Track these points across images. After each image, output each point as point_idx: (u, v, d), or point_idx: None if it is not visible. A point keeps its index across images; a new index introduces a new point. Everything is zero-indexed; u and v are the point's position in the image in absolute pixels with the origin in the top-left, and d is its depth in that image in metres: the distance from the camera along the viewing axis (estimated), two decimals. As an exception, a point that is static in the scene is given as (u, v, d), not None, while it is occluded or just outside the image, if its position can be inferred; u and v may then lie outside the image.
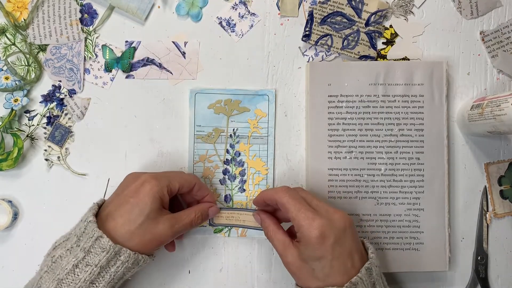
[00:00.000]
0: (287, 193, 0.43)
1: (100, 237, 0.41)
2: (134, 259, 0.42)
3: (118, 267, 0.42)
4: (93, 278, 0.41)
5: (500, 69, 0.53)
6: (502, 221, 0.53)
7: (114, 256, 0.41)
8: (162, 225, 0.43)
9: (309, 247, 0.41)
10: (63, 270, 0.41)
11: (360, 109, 0.51)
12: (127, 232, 0.42)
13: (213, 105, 0.52)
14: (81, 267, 0.41)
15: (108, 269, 0.41)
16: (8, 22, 0.50)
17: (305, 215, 0.41)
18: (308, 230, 0.40)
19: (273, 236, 0.44)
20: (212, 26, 0.52)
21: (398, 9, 0.53)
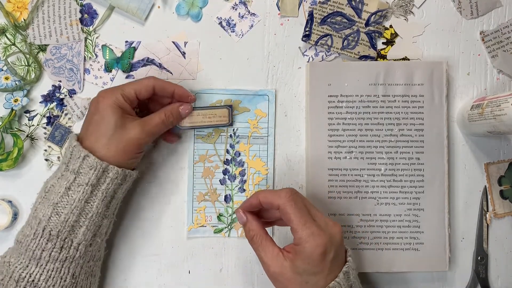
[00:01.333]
0: (292, 201, 0.41)
1: (87, 156, 0.42)
2: (122, 175, 0.44)
3: (108, 184, 0.43)
4: (87, 197, 0.42)
5: (500, 69, 0.53)
6: (502, 221, 0.53)
7: (102, 173, 0.43)
8: (133, 130, 0.44)
9: (308, 262, 0.39)
10: (56, 195, 0.42)
11: (360, 109, 0.51)
12: (103, 147, 0.43)
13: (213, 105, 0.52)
14: (74, 188, 0.42)
15: (99, 187, 0.43)
16: (8, 22, 0.50)
17: (310, 230, 0.40)
18: (312, 247, 0.39)
19: (260, 244, 0.42)
20: (212, 26, 0.52)
21: (398, 9, 0.53)
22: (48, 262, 0.41)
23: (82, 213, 0.42)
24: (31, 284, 0.41)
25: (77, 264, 0.43)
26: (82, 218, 0.42)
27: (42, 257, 0.41)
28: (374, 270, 0.51)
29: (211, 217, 0.52)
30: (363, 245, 0.51)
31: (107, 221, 0.45)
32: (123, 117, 0.44)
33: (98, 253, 0.46)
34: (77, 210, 0.42)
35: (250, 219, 0.44)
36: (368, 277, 0.53)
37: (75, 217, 0.42)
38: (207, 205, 0.52)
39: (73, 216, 0.42)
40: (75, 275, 0.43)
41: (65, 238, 0.42)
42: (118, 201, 0.46)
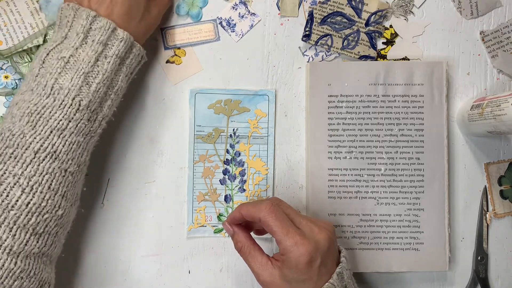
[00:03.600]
0: (272, 213, 0.41)
1: (115, 29, 0.42)
2: (142, 54, 0.45)
3: (131, 60, 0.44)
4: (116, 69, 0.42)
5: (500, 69, 0.53)
6: (502, 221, 0.53)
7: (130, 47, 0.43)
8: (154, 9, 0.46)
9: (295, 270, 0.40)
10: (86, 64, 0.41)
11: (360, 109, 0.51)
12: (134, 26, 0.44)
13: (213, 105, 0.52)
14: (102, 59, 0.42)
15: (125, 61, 0.43)
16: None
17: (293, 240, 0.39)
18: (296, 256, 0.39)
19: (248, 254, 0.43)
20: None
21: (398, 9, 0.53)
22: (72, 134, 0.40)
23: (110, 85, 0.42)
24: (52, 156, 0.39)
25: (94, 140, 0.43)
26: (109, 90, 0.42)
27: (67, 127, 0.39)
28: (374, 270, 0.51)
29: (211, 217, 0.52)
30: (363, 245, 0.51)
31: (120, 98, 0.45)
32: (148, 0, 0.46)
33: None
34: (107, 81, 0.42)
35: (237, 231, 0.44)
36: (368, 277, 0.53)
37: (105, 88, 0.41)
38: (207, 205, 0.52)
39: (104, 87, 0.41)
40: (89, 153, 0.43)
41: (94, 109, 0.41)
42: (128, 81, 0.46)
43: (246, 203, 0.44)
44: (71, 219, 0.43)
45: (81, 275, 0.50)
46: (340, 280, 0.41)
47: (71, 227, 0.44)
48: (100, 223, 0.51)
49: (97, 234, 0.51)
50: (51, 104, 0.39)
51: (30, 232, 0.38)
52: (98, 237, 0.51)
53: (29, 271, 0.38)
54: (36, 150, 0.38)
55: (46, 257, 0.40)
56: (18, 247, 0.37)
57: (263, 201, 0.42)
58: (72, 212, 0.42)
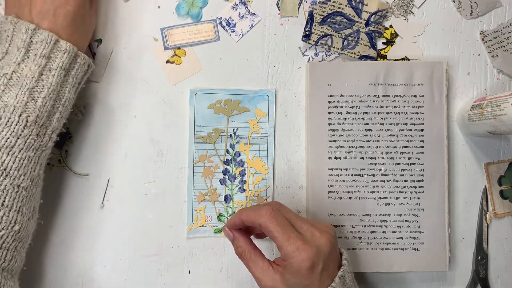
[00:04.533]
0: (273, 218, 0.40)
1: (58, 41, 0.41)
2: (88, 63, 0.44)
3: (77, 70, 0.43)
4: (61, 81, 0.42)
5: (500, 69, 0.53)
6: (502, 221, 0.53)
7: (74, 58, 0.43)
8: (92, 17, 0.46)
9: (297, 276, 0.39)
10: (30, 80, 0.40)
11: (360, 109, 0.51)
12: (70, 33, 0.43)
13: (213, 105, 0.52)
14: (46, 73, 0.41)
15: (70, 72, 0.43)
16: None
17: (294, 245, 0.39)
18: (298, 261, 0.39)
19: (248, 258, 0.42)
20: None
21: (398, 9, 0.53)
22: (22, 150, 0.39)
23: (57, 98, 0.42)
24: (2, 173, 0.38)
25: (46, 153, 0.42)
26: (57, 103, 0.42)
27: (16, 144, 0.39)
28: (374, 270, 0.51)
29: (211, 217, 0.52)
30: (363, 245, 0.51)
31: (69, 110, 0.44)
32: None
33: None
34: (54, 94, 0.41)
35: (237, 236, 0.44)
36: (368, 277, 0.53)
37: (52, 102, 0.41)
38: (207, 205, 0.52)
39: (50, 100, 0.41)
40: (42, 166, 0.42)
41: (42, 124, 0.40)
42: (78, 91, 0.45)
43: (246, 209, 0.43)
44: (31, 232, 0.42)
45: (81, 275, 0.50)
46: (342, 284, 0.41)
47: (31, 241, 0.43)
48: (100, 223, 0.51)
49: (97, 234, 0.51)
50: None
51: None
52: (98, 237, 0.51)
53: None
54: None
55: (6, 271, 0.40)
56: None
57: (263, 206, 0.41)
58: (30, 225, 0.42)
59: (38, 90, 0.40)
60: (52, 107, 0.41)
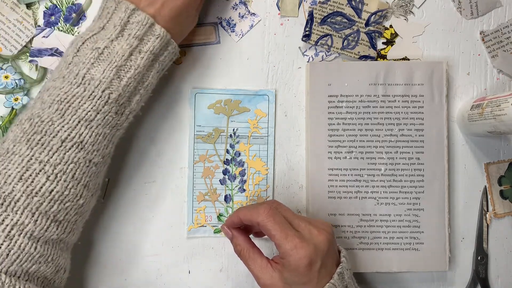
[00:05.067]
0: (271, 217, 0.41)
1: (153, 25, 0.41)
2: (176, 52, 0.44)
3: (165, 57, 0.43)
4: (148, 65, 0.42)
5: (500, 69, 0.53)
6: (502, 221, 0.53)
7: (165, 44, 0.42)
8: (195, 17, 0.46)
9: (295, 274, 0.40)
10: (119, 58, 0.40)
11: (360, 109, 0.51)
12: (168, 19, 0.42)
13: (213, 105, 0.52)
14: (135, 54, 0.41)
15: (158, 58, 0.43)
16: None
17: (292, 243, 0.39)
18: (296, 259, 0.39)
19: (247, 257, 0.43)
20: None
21: (398, 9, 0.53)
22: (99, 125, 0.40)
23: (141, 80, 0.42)
24: (78, 146, 0.39)
25: (120, 132, 0.43)
26: (139, 85, 0.42)
27: (95, 119, 0.40)
28: (374, 270, 0.51)
29: (211, 217, 0.52)
30: (363, 245, 0.51)
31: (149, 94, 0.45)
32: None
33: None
34: (139, 76, 0.41)
35: (236, 234, 0.44)
36: (368, 277, 0.53)
37: (135, 84, 0.41)
38: (207, 205, 0.52)
39: (134, 82, 0.41)
40: (114, 145, 0.43)
41: (122, 103, 0.41)
42: (159, 76, 0.45)
43: (244, 207, 0.44)
44: (91, 208, 0.43)
45: (81, 275, 0.50)
46: (341, 280, 0.41)
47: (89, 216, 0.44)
48: (100, 223, 0.51)
49: (97, 234, 0.51)
50: (81, 94, 0.39)
51: (51, 219, 0.38)
52: (98, 237, 0.51)
53: (47, 256, 0.38)
54: (63, 138, 0.39)
55: (63, 243, 0.41)
56: (38, 233, 0.37)
57: (261, 205, 0.42)
58: (92, 201, 0.43)
59: (125, 70, 0.41)
60: (135, 89, 0.42)
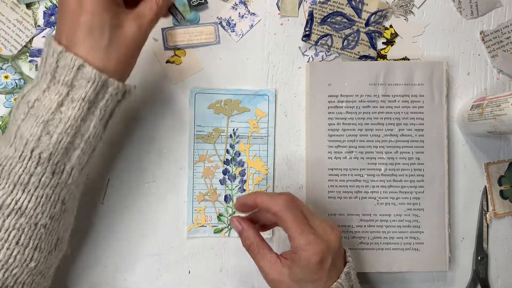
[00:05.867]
0: (289, 209, 0.40)
1: (82, 66, 0.35)
2: (122, 91, 0.38)
3: (107, 101, 0.37)
4: (83, 115, 0.36)
5: (500, 69, 0.53)
6: (502, 221, 0.53)
7: (101, 87, 0.36)
8: (130, 29, 0.37)
9: (306, 270, 0.39)
10: (46, 111, 0.36)
11: (360, 109, 0.51)
12: (101, 55, 0.36)
13: (213, 105, 0.52)
14: (67, 104, 0.36)
15: (97, 104, 0.37)
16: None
17: (307, 239, 0.39)
18: (309, 255, 0.39)
19: (257, 252, 0.42)
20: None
21: (398, 9, 0.53)
22: (37, 188, 0.36)
23: (78, 133, 0.37)
24: (17, 212, 0.36)
25: (68, 189, 0.38)
26: (77, 139, 0.37)
27: (30, 182, 0.36)
28: (374, 270, 0.51)
29: (211, 217, 0.52)
30: (363, 245, 0.51)
31: (102, 144, 0.40)
32: (117, 13, 0.37)
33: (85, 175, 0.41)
34: (72, 129, 0.36)
35: (246, 227, 0.43)
36: (368, 277, 0.53)
37: (70, 138, 0.36)
38: (207, 205, 0.52)
39: (67, 136, 0.36)
40: (65, 201, 0.38)
41: (57, 162, 0.36)
42: (115, 121, 0.41)
43: (262, 193, 0.43)
44: (54, 262, 0.40)
45: (81, 275, 0.50)
46: (347, 280, 0.41)
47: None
48: (100, 223, 0.51)
49: (97, 234, 0.51)
50: (12, 155, 0.36)
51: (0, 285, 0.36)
52: (98, 237, 0.51)
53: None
54: (0, 206, 0.35)
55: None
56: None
57: (280, 195, 0.41)
58: (52, 256, 0.39)
59: (54, 124, 0.36)
60: (71, 143, 0.37)
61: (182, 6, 0.51)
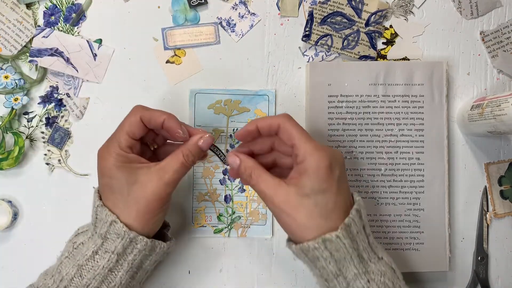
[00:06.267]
0: (292, 120, 0.40)
1: (114, 222, 0.39)
2: (151, 247, 0.41)
3: (135, 255, 0.40)
4: (111, 266, 0.40)
5: (500, 69, 0.53)
6: (502, 221, 0.53)
7: (130, 243, 0.40)
8: (150, 183, 0.40)
9: (316, 178, 0.37)
10: (83, 256, 0.40)
11: (360, 109, 0.51)
12: (123, 212, 0.40)
13: (213, 105, 0.52)
14: (100, 253, 0.40)
15: (126, 257, 0.40)
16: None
17: (314, 145, 0.38)
18: (317, 159, 0.37)
19: (259, 177, 0.39)
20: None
21: (398, 9, 0.53)
22: None
23: (105, 281, 0.40)
24: None
25: None
26: (103, 286, 0.40)
27: None
28: (374, 270, 0.51)
29: (211, 217, 0.52)
30: (363, 245, 0.51)
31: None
32: (133, 170, 0.40)
33: None
34: (100, 277, 0.40)
35: (243, 158, 0.41)
36: (368, 277, 0.53)
37: (97, 284, 0.40)
38: (207, 205, 0.52)
39: (95, 282, 0.39)
40: None
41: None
42: (145, 272, 0.43)
43: (260, 117, 0.42)
44: None
45: (81, 275, 0.50)
46: (359, 217, 0.39)
47: None
48: (100, 223, 0.51)
49: (97, 234, 0.51)
50: (49, 286, 0.40)
51: None
52: (98, 237, 0.51)
53: None
54: None
55: None
56: None
57: (280, 114, 0.41)
58: None
59: (87, 269, 0.40)
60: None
61: (182, 6, 0.51)
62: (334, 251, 0.37)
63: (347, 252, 0.37)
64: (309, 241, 0.37)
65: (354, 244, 0.38)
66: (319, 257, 0.38)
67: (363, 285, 0.38)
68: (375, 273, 0.38)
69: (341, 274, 0.38)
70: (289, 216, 0.38)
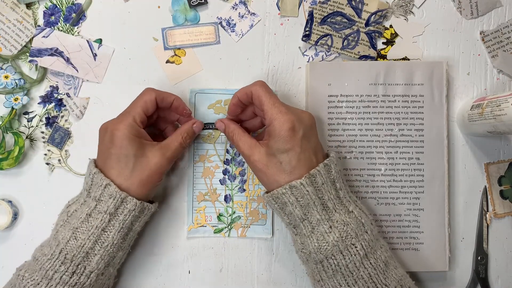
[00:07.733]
0: (263, 87, 0.45)
1: (108, 185, 0.43)
2: (140, 208, 0.44)
3: (126, 215, 0.43)
4: (104, 226, 0.43)
5: (500, 69, 0.53)
6: (502, 221, 0.53)
7: (121, 203, 0.43)
8: (154, 158, 0.45)
9: (279, 139, 0.42)
10: (78, 220, 0.43)
11: (360, 109, 0.51)
12: (125, 178, 0.44)
13: (213, 105, 0.52)
14: (94, 215, 0.43)
15: (117, 217, 0.43)
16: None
17: (278, 109, 0.43)
18: (280, 122, 0.42)
19: (239, 139, 0.46)
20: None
21: (398, 9, 0.53)
22: (58, 284, 0.42)
23: (98, 241, 0.43)
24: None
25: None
26: (97, 246, 0.43)
27: (53, 278, 0.42)
28: (374, 270, 0.51)
29: (211, 217, 0.52)
30: (363, 245, 0.51)
31: (122, 253, 0.45)
32: (142, 145, 0.44)
33: (107, 281, 0.46)
34: (93, 236, 0.42)
35: (227, 122, 0.48)
36: (368, 277, 0.53)
37: (91, 244, 0.42)
38: (207, 205, 0.52)
39: (89, 242, 0.42)
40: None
41: (79, 264, 0.42)
42: (134, 234, 0.46)
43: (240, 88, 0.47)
44: None
45: (81, 275, 0.50)
46: (327, 171, 0.43)
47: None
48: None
49: (97, 234, 0.51)
50: (47, 253, 0.43)
51: None
52: (98, 237, 0.51)
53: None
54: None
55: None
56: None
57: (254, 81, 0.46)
58: None
59: (81, 231, 0.43)
60: (91, 249, 0.42)
61: (182, 6, 0.51)
62: (299, 197, 0.42)
63: (311, 199, 0.42)
64: (278, 188, 0.43)
65: (319, 193, 0.43)
66: (287, 202, 0.43)
67: (325, 230, 0.43)
68: (338, 222, 0.43)
69: (307, 219, 0.43)
70: (261, 171, 0.44)
